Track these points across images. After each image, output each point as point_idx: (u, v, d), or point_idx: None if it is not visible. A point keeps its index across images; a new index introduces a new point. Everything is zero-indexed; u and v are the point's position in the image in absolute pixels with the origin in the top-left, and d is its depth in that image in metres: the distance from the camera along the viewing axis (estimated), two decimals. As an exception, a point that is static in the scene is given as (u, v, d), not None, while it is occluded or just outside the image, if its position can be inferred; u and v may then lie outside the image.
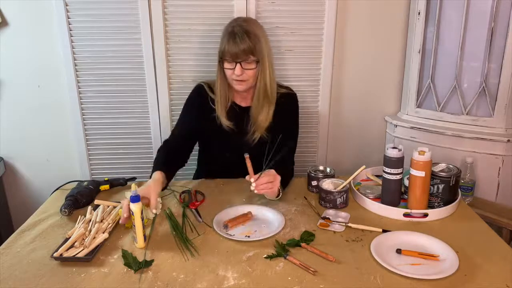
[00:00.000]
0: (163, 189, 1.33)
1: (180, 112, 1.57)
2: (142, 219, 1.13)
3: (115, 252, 1.12)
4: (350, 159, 2.06)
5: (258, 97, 1.47)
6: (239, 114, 1.51)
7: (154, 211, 1.22)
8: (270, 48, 1.47)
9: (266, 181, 1.26)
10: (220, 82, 1.47)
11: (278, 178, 1.30)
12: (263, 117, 1.48)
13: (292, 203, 1.39)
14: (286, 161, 1.56)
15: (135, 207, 1.12)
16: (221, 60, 1.42)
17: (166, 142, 1.51)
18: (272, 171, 1.30)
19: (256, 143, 1.50)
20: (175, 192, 1.46)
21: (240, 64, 1.38)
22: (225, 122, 1.49)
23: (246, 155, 1.27)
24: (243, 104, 1.53)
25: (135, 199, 1.12)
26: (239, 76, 1.39)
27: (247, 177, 1.27)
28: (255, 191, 1.26)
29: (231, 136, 1.51)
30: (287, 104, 1.53)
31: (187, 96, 1.55)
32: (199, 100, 1.53)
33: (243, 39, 1.36)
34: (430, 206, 1.33)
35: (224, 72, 1.44)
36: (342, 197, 1.35)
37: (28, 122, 1.87)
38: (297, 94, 1.59)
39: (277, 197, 1.35)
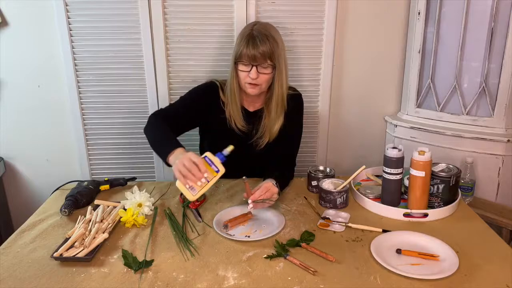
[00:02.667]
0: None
1: (183, 95, 1.51)
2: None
3: (115, 252, 1.12)
4: (350, 159, 2.06)
5: (276, 107, 1.45)
6: (246, 118, 1.50)
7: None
8: (286, 54, 1.45)
9: (259, 195, 1.26)
10: (234, 84, 1.44)
11: (274, 190, 1.29)
12: (278, 125, 1.48)
13: (292, 203, 1.39)
14: (287, 162, 1.56)
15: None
16: (236, 63, 1.40)
17: (164, 116, 1.42)
18: (268, 186, 1.30)
19: (261, 147, 1.51)
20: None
21: (256, 68, 1.36)
22: (240, 122, 1.47)
23: (246, 180, 1.26)
24: (251, 109, 1.52)
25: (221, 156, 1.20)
26: (254, 79, 1.37)
27: (244, 195, 1.29)
28: (252, 209, 1.27)
29: (236, 140, 1.50)
30: (293, 106, 1.52)
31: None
32: (211, 97, 1.50)
33: (263, 42, 1.34)
34: (430, 206, 1.33)
35: (237, 75, 1.42)
36: (342, 197, 1.35)
37: (28, 122, 1.87)
38: (298, 94, 1.59)
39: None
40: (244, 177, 1.26)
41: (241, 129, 1.49)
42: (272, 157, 1.52)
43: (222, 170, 1.20)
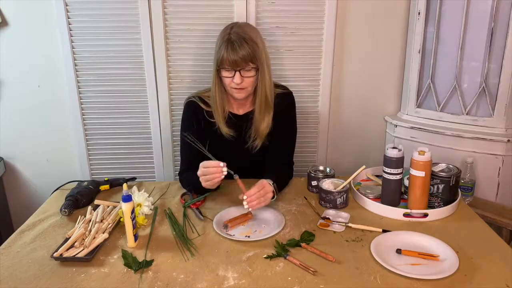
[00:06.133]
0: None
1: (180, 132, 1.53)
2: (133, 219, 1.14)
3: (115, 252, 1.12)
4: (350, 159, 2.06)
5: (260, 107, 1.44)
6: (237, 123, 1.49)
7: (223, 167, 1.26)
8: (267, 53, 1.44)
9: (256, 192, 1.26)
10: (218, 91, 1.43)
11: (268, 188, 1.30)
12: (265, 125, 1.46)
13: (292, 203, 1.39)
14: (284, 161, 1.56)
15: (125, 207, 1.12)
16: (219, 69, 1.38)
17: (185, 167, 1.50)
18: (263, 182, 1.30)
19: (256, 150, 1.50)
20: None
21: (240, 72, 1.35)
22: (225, 130, 1.46)
23: (236, 177, 1.27)
24: (241, 112, 1.51)
25: (126, 198, 1.12)
26: (238, 84, 1.36)
27: (240, 196, 1.27)
28: (250, 209, 1.26)
29: (231, 147, 1.50)
30: (283, 105, 1.51)
31: (185, 97, 1.54)
32: (195, 118, 1.49)
33: (241, 46, 1.32)
34: (430, 206, 1.33)
35: (221, 81, 1.41)
36: (342, 197, 1.35)
37: (28, 122, 1.87)
38: (297, 94, 1.59)
39: (272, 198, 1.33)
40: (235, 175, 1.26)
41: (230, 135, 1.48)
42: (270, 157, 1.52)
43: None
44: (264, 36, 1.53)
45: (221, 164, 1.25)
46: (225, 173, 1.26)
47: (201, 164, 1.29)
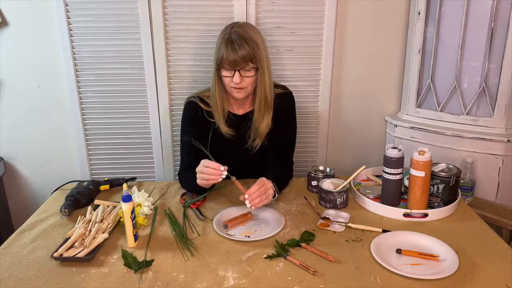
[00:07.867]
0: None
1: (180, 131, 1.54)
2: (133, 219, 1.14)
3: (115, 252, 1.12)
4: (350, 159, 2.06)
5: (260, 107, 1.44)
6: (237, 123, 1.49)
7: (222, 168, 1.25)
8: (268, 53, 1.44)
9: (256, 189, 1.25)
10: (218, 90, 1.43)
11: (268, 185, 1.29)
12: (264, 125, 1.46)
13: (292, 203, 1.39)
14: (283, 161, 1.56)
15: (125, 207, 1.12)
16: (219, 68, 1.38)
17: (186, 167, 1.49)
18: (263, 179, 1.30)
19: (256, 150, 1.50)
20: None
21: (239, 72, 1.35)
22: (225, 129, 1.46)
23: (233, 178, 1.27)
24: (240, 112, 1.51)
25: (126, 198, 1.12)
26: (238, 84, 1.36)
27: (241, 198, 1.26)
28: (253, 208, 1.25)
29: (231, 146, 1.50)
30: (283, 104, 1.51)
31: (186, 97, 1.54)
32: (195, 117, 1.48)
33: (241, 46, 1.32)
34: (430, 206, 1.33)
35: (221, 80, 1.41)
36: (342, 197, 1.35)
37: (28, 122, 1.86)
38: (297, 94, 1.59)
39: (273, 197, 1.33)
40: (232, 177, 1.26)
41: (230, 134, 1.48)
42: (269, 157, 1.52)
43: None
44: (264, 36, 1.53)
45: (222, 168, 1.25)
46: (224, 177, 1.26)
47: (202, 162, 1.29)
